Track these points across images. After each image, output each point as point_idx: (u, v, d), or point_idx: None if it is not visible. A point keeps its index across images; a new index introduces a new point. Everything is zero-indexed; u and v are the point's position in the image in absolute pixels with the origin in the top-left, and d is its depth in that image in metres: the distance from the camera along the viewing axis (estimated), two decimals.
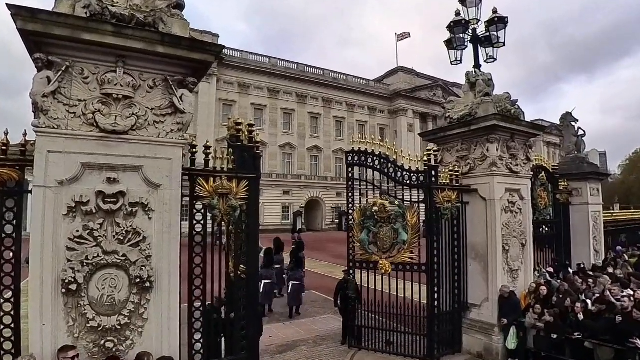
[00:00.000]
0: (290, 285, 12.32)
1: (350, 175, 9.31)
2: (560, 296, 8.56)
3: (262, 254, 12.03)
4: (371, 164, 9.17)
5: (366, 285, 8.85)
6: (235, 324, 6.00)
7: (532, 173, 10.29)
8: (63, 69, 4.43)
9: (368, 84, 61.22)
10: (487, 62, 10.26)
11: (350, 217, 9.25)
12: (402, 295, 8.66)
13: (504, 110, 9.01)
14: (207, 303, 5.78)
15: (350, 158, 9.33)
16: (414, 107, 62.08)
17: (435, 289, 8.47)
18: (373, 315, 8.96)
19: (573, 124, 14.02)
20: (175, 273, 4.85)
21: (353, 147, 9.31)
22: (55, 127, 4.41)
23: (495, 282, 8.76)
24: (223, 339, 6.08)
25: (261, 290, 11.07)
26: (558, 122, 15.19)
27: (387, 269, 8.62)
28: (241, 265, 6.05)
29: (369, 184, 9.31)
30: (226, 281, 5.98)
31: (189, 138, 5.57)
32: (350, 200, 9.17)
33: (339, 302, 9.41)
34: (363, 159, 9.23)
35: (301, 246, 15.08)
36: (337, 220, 51.01)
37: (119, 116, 4.64)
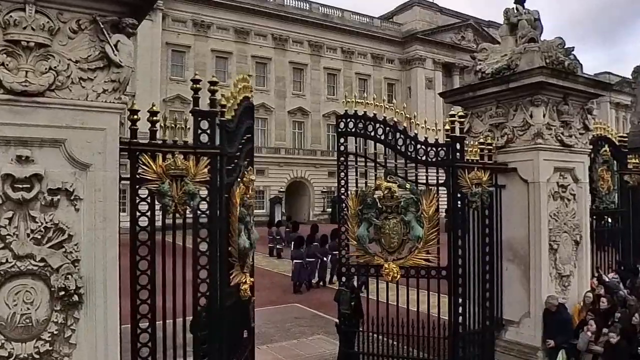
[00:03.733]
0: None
1: (342, 148, 9.31)
2: (627, 311, 8.83)
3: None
4: (373, 134, 9.21)
5: (371, 297, 9.02)
6: (197, 349, 6.15)
7: (591, 147, 10.48)
8: None
9: (372, 23, 60.92)
10: None
11: (344, 205, 9.34)
12: (416, 309, 8.86)
13: (554, 62, 9.12)
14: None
15: (343, 125, 9.34)
16: (434, 54, 62.03)
17: (460, 300, 8.68)
18: (376, 336, 9.18)
19: None
20: (113, 283, 4.90)
21: (347, 110, 9.32)
22: None
23: (539, 291, 9.02)
24: None
25: (292, 268, 18.87)
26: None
27: (395, 274, 8.74)
28: (201, 271, 6.16)
29: (370, 161, 9.38)
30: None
31: (128, 100, 5.58)
32: (344, 182, 9.21)
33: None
34: (361, 126, 9.25)
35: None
36: (330, 209, 51.35)
37: (31, 71, 4.60)
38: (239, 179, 6.89)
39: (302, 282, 18.41)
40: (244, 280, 7.05)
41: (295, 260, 18.65)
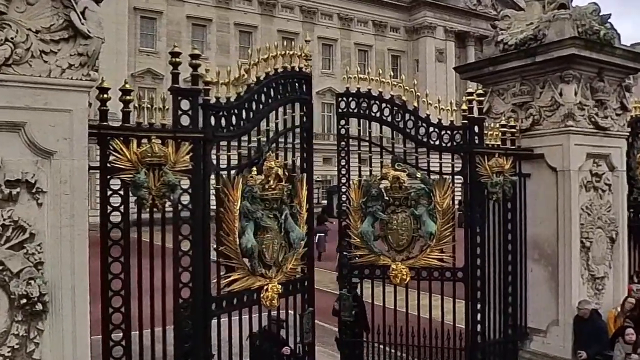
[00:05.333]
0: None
1: (343, 131, 9.35)
2: None
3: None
4: (378, 115, 9.19)
5: (376, 303, 9.01)
6: None
7: (629, 130, 10.48)
8: None
9: None
10: None
11: (345, 196, 9.36)
12: (428, 317, 8.87)
13: (588, 32, 9.10)
14: None
15: (343, 104, 9.34)
16: (446, 22, 61.88)
17: (479, 306, 8.73)
18: (382, 347, 9.20)
19: None
20: (82, 288, 4.91)
21: (348, 87, 9.30)
22: None
23: (569, 295, 9.07)
24: None
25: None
26: None
27: (404, 276, 8.77)
28: (183, 274, 6.16)
29: (374, 146, 9.37)
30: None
31: (98, 76, 5.54)
32: (345, 170, 9.26)
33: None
34: (364, 105, 9.22)
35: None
36: (325, 201, 51.31)
37: None
38: (254, 168, 6.93)
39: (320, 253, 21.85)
40: (260, 286, 7.04)
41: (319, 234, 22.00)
